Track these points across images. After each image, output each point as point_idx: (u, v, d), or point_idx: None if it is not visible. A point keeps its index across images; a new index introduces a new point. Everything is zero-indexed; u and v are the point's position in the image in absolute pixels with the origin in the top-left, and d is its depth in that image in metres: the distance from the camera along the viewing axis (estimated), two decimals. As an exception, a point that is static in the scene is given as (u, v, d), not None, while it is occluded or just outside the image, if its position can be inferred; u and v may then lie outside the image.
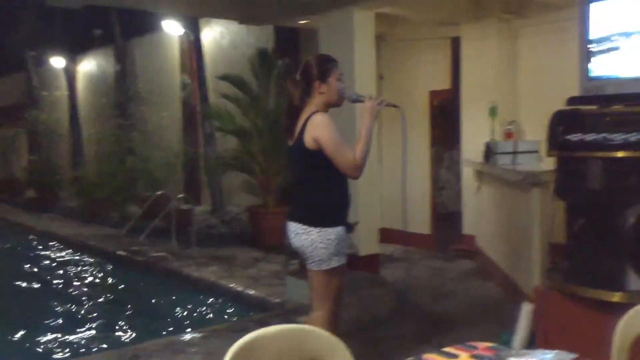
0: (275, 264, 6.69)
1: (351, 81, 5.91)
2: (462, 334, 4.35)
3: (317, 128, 2.92)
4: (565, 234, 3.43)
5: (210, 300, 5.90)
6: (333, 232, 2.98)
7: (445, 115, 7.39)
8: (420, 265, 6.76)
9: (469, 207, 6.92)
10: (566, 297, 3.26)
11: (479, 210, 6.58)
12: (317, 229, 2.97)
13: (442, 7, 6.43)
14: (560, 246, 3.57)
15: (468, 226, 6.99)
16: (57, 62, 14.11)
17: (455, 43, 7.06)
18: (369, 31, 6.01)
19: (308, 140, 2.94)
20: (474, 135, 6.61)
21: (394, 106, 3.27)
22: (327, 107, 3.07)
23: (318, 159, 2.95)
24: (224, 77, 8.17)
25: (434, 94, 7.48)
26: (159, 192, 8.51)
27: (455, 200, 7.32)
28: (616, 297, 3.00)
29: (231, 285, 5.99)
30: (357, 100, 3.17)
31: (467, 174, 6.83)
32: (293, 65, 8.55)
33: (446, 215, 7.51)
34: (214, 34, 10.52)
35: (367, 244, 5.93)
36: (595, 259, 3.16)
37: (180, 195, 8.03)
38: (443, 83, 7.34)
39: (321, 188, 3.04)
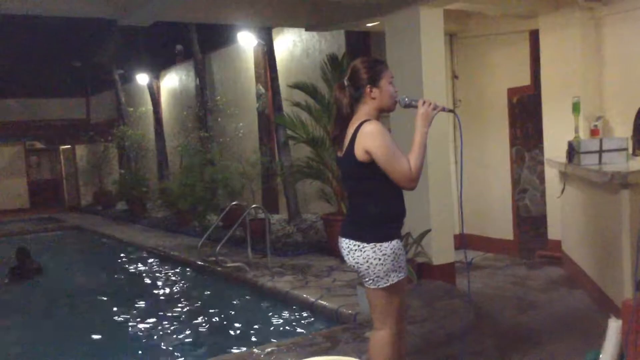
0: (350, 273, 6.55)
1: (420, 82, 5.70)
2: (545, 351, 4.02)
3: (368, 138, 2.71)
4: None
5: (284, 311, 5.84)
6: (388, 247, 2.80)
7: (525, 113, 6.97)
8: (502, 273, 6.39)
9: (554, 210, 6.47)
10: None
11: (564, 214, 6.13)
12: (371, 245, 2.79)
13: (515, 0, 6.06)
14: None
15: (554, 231, 6.54)
16: (142, 79, 14.75)
17: (534, 36, 6.64)
18: (437, 29, 5.76)
19: (359, 151, 2.74)
20: (557, 133, 6.18)
21: (450, 111, 3.03)
22: (379, 113, 2.87)
23: (371, 171, 2.76)
24: (296, 86, 8.15)
25: (512, 91, 7.07)
26: (234, 203, 8.61)
27: (539, 202, 6.88)
28: None
29: (304, 296, 5.91)
30: (411, 105, 2.93)
31: (551, 175, 6.39)
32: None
33: (530, 219, 7.07)
34: (287, 43, 10.57)
35: (441, 251, 5.67)
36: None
37: (254, 205, 8.07)
38: (522, 79, 6.92)
39: (374, 201, 2.83)
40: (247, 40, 10.70)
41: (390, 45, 6.03)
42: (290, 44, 10.53)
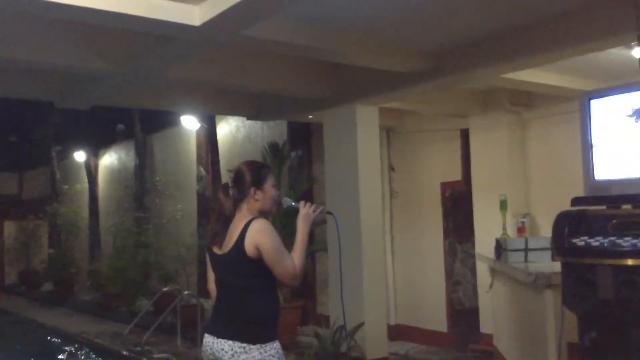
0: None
1: (356, 173, 5.86)
2: None
3: (260, 235, 2.76)
4: (578, 347, 3.15)
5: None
6: (273, 347, 2.78)
7: (457, 207, 7.20)
8: (436, 367, 6.36)
9: (485, 304, 6.57)
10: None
11: (495, 308, 6.23)
12: (257, 346, 2.73)
13: (447, 101, 6.43)
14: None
15: (486, 324, 6.61)
16: (80, 156, 14.45)
17: (465, 134, 7.00)
18: (373, 124, 6.00)
19: (249, 247, 2.76)
20: (487, 228, 6.39)
21: (329, 213, 3.19)
22: (261, 214, 2.93)
23: (257, 268, 2.78)
24: (232, 170, 8.17)
25: (445, 185, 7.34)
26: (167, 287, 8.33)
27: (472, 295, 6.98)
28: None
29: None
30: (292, 207, 3.06)
31: (482, 269, 6.54)
32: (305, 157, 8.59)
33: (463, 312, 7.14)
34: (230, 128, 10.69)
35: (375, 345, 5.62)
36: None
37: (187, 291, 7.82)
38: (454, 174, 7.21)
39: (258, 299, 2.83)
40: (189, 123, 10.74)
41: (328, 137, 6.22)
42: (234, 128, 10.65)
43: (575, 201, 3.23)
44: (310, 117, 7.05)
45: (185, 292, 7.68)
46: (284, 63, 5.61)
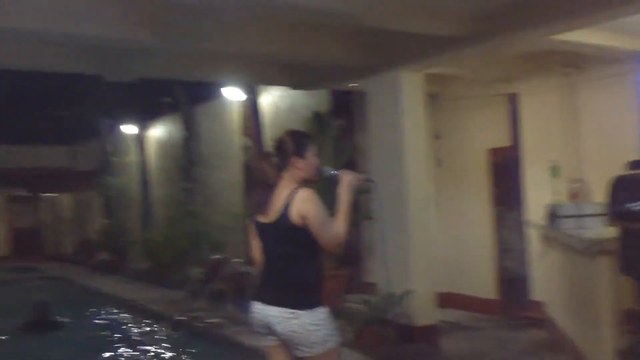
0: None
1: (401, 141, 5.80)
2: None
3: (305, 204, 2.82)
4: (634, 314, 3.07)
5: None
6: (321, 312, 2.83)
7: (506, 174, 7.05)
8: (486, 335, 6.33)
9: (536, 272, 6.47)
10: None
11: (546, 276, 6.13)
12: (306, 311, 2.80)
13: (495, 65, 6.24)
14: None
15: (536, 292, 6.52)
16: (129, 129, 14.79)
17: (513, 99, 6.80)
18: (418, 91, 5.89)
19: (294, 216, 2.82)
20: (538, 195, 6.25)
21: (370, 181, 3.25)
22: (303, 182, 2.96)
23: (302, 235, 2.83)
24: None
25: (493, 152, 7.18)
26: (217, 256, 8.52)
27: (522, 263, 6.88)
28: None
29: (284, 356, 5.78)
30: (333, 175, 3.06)
31: (533, 236, 6.42)
32: (348, 126, 8.53)
33: (513, 280, 7.05)
34: (273, 98, 10.71)
35: (423, 313, 5.62)
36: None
37: (236, 259, 7.98)
38: (502, 140, 7.05)
39: (305, 266, 2.89)
40: (233, 95, 10.82)
41: (372, 105, 6.15)
42: (277, 99, 10.66)
43: (635, 164, 3.12)
44: (353, 85, 6.97)
45: (234, 260, 7.84)
46: (326, 31, 5.54)
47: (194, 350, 6.79)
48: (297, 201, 2.82)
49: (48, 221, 19.24)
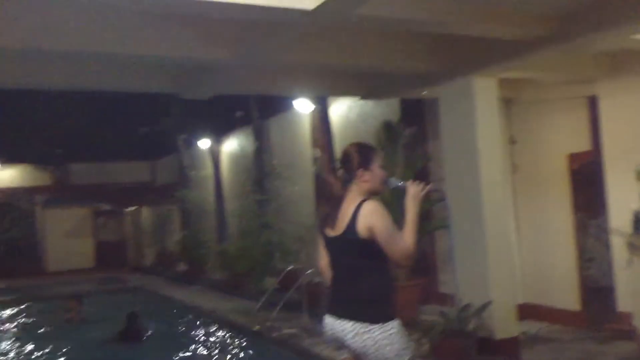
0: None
1: (475, 148, 5.68)
2: None
3: (372, 216, 2.81)
4: None
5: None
6: (394, 326, 2.80)
7: (587, 179, 6.75)
8: (570, 348, 6.06)
9: (623, 281, 6.15)
10: None
11: (633, 285, 5.81)
12: (378, 325, 2.77)
13: (571, 68, 6.00)
14: None
15: (623, 302, 6.19)
16: (204, 143, 15.29)
17: (592, 101, 6.52)
18: (492, 96, 5.78)
19: (361, 228, 2.81)
20: (622, 200, 5.95)
21: (439, 192, 3.19)
22: (370, 194, 2.96)
23: (370, 248, 2.82)
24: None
25: (572, 157, 6.90)
26: (290, 267, 8.63)
27: (607, 272, 6.55)
28: None
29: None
30: (400, 187, 3.06)
31: (618, 245, 6.11)
32: (419, 134, 8.46)
33: (597, 290, 6.73)
34: (343, 109, 10.77)
35: (503, 325, 5.46)
36: None
37: (310, 270, 8.05)
38: (582, 144, 6.76)
39: (375, 279, 2.87)
40: (303, 106, 10.98)
41: (445, 112, 6.07)
42: (346, 109, 10.72)
43: None
44: (424, 93, 6.91)
45: (309, 271, 7.91)
46: (396, 39, 5.53)
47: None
48: (363, 214, 2.82)
49: (130, 234, 20.14)
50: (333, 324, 2.90)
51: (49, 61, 5.41)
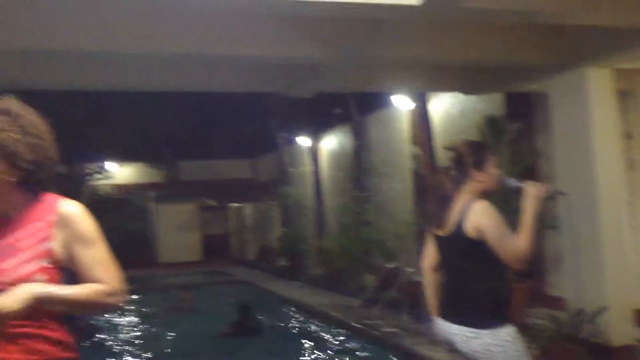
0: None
1: (589, 143, 5.37)
2: None
3: (481, 216, 2.69)
4: None
5: (441, 384, 5.61)
6: (507, 333, 2.66)
7: None
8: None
9: None
10: None
11: None
12: (489, 331, 2.64)
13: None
14: None
15: None
16: (303, 141, 15.57)
17: None
18: (607, 88, 5.43)
19: (469, 229, 2.70)
20: None
21: (561, 193, 2.97)
22: (482, 195, 2.83)
23: (480, 250, 2.69)
24: (450, 148, 8.05)
25: (700, 152, 6.34)
26: (391, 265, 8.58)
27: None
28: None
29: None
30: (517, 187, 2.88)
31: None
32: (525, 129, 8.10)
33: None
34: (443, 105, 10.55)
35: (619, 331, 5.14)
36: None
37: (410, 268, 7.97)
38: None
39: (486, 282, 2.73)
40: (402, 103, 10.87)
41: (555, 107, 5.79)
42: (447, 105, 10.48)
43: None
44: (532, 86, 6.62)
45: (409, 270, 7.84)
46: (501, 31, 5.34)
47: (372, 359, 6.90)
48: (472, 214, 2.73)
49: (233, 229, 20.94)
50: (443, 327, 2.84)
51: (159, 64, 5.74)
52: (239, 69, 6.18)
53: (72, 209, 1.90)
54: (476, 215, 2.72)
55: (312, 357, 7.21)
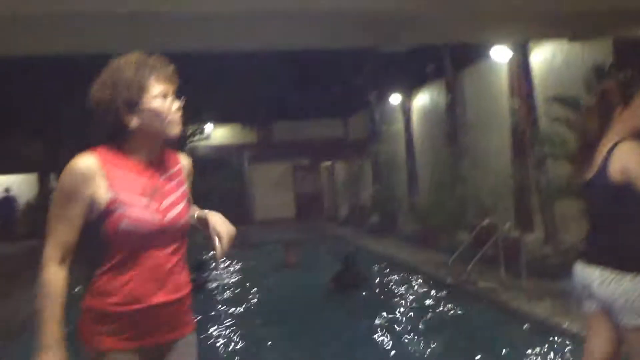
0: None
1: None
2: None
3: (627, 158, 2.53)
4: None
5: (539, 339, 5.53)
6: None
7: None
8: None
9: None
10: None
11: None
12: (630, 276, 2.52)
13: None
14: None
15: None
16: (395, 98, 15.39)
17: None
18: None
19: (614, 171, 2.56)
20: None
21: None
22: (633, 135, 2.63)
23: (627, 193, 2.55)
24: (556, 99, 7.70)
25: None
26: (487, 221, 8.41)
27: None
28: None
29: (565, 326, 5.52)
30: None
31: None
32: (637, 79, 7.57)
33: None
34: (545, 55, 10.03)
35: None
36: None
37: (507, 224, 7.79)
38: None
39: (632, 226, 2.60)
40: (501, 55, 10.44)
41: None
42: (549, 55, 9.96)
43: None
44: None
45: (506, 226, 7.67)
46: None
47: (469, 314, 6.87)
48: (617, 155, 2.59)
49: (325, 187, 21.29)
50: (582, 272, 2.74)
51: (250, 23, 5.80)
52: (332, 24, 6.17)
53: (188, 160, 2.22)
54: (621, 157, 2.58)
55: (410, 312, 7.27)
